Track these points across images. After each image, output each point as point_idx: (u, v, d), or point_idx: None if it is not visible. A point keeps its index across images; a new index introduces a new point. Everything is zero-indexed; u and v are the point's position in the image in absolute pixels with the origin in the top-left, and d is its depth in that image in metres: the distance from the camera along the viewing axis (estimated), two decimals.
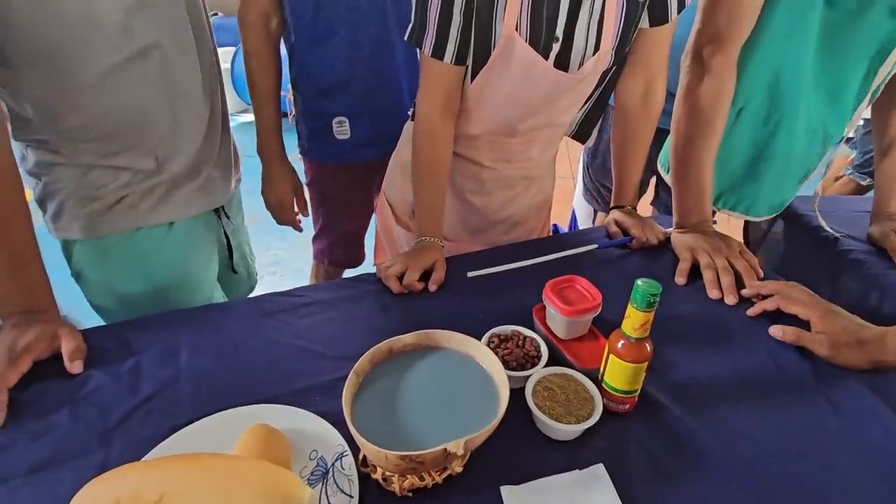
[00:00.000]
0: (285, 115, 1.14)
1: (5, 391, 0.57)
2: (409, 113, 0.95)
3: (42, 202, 0.78)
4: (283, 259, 2.29)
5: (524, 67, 0.75)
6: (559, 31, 0.74)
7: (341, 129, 1.09)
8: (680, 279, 0.83)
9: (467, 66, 0.80)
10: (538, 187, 1.02)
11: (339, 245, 1.30)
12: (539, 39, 0.74)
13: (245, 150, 1.25)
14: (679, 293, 0.81)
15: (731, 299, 0.78)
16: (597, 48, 0.76)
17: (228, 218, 0.98)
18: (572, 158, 1.37)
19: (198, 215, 0.87)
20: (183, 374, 0.63)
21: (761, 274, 0.82)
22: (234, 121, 3.72)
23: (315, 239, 1.33)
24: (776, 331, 0.70)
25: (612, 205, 0.99)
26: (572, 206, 1.72)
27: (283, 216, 1.14)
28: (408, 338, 0.59)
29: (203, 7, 0.83)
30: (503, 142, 0.90)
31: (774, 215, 1.09)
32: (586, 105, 0.91)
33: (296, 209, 1.18)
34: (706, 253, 0.83)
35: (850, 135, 1.17)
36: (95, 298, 0.85)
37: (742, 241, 1.27)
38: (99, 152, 0.74)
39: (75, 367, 0.62)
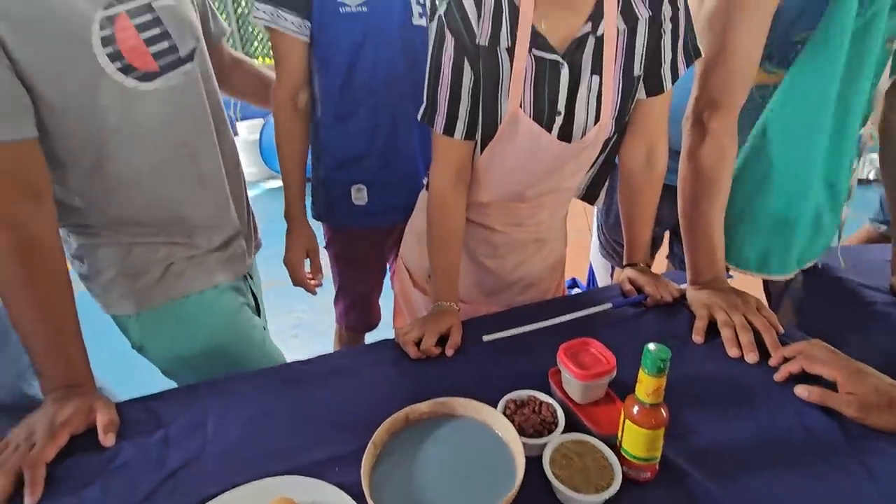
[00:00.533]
0: (308, 179, 1.20)
1: (43, 465, 0.60)
2: (424, 182, 1.01)
3: (88, 282, 0.84)
4: (305, 322, 2.34)
5: (529, 140, 0.80)
6: (560, 106, 0.79)
7: (359, 195, 1.15)
8: (697, 338, 0.82)
9: (476, 140, 0.85)
10: (550, 248, 1.05)
11: (353, 308, 1.33)
12: (542, 114, 0.79)
13: (270, 215, 1.32)
14: (697, 353, 0.80)
15: (751, 357, 0.77)
16: (597, 119, 0.81)
17: (252, 279, 1.03)
18: (588, 212, 1.40)
19: (235, 280, 0.93)
20: (209, 446, 0.65)
21: (781, 330, 0.81)
22: (261, 187, 3.92)
23: (335, 301, 1.37)
24: (801, 391, 0.69)
25: (624, 262, 1.01)
26: (590, 259, 1.74)
27: (295, 276, 1.18)
28: (424, 406, 0.60)
29: (220, 98, 0.91)
30: (513, 207, 0.94)
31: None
32: (591, 170, 0.96)
33: (308, 271, 1.21)
34: (722, 310, 0.83)
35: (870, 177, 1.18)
36: (162, 364, 0.91)
37: (764, 293, 1.26)
38: (139, 234, 0.81)
39: (108, 440, 0.65)
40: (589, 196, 1.02)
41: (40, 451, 0.60)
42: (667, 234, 1.39)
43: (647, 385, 0.53)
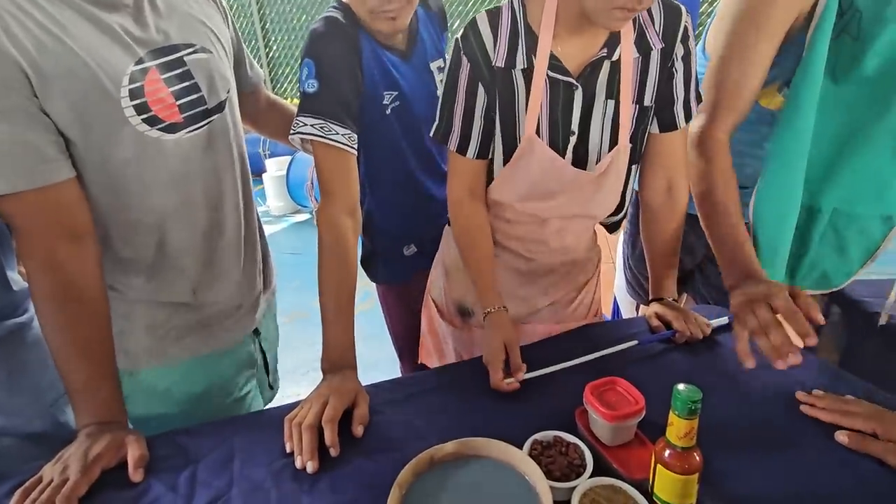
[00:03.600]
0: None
1: (75, 501, 0.61)
2: (447, 220, 1.03)
3: None
4: None
5: (545, 163, 0.82)
6: (574, 126, 0.81)
7: (409, 250, 1.14)
8: (748, 363, 0.70)
9: (491, 158, 0.87)
10: (580, 269, 1.03)
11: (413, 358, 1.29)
12: (557, 135, 0.81)
13: (295, 248, 1.32)
14: (732, 392, 0.77)
15: (779, 364, 0.65)
16: (613, 143, 0.82)
17: (260, 334, 0.98)
18: (611, 243, 1.36)
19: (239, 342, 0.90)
20: (235, 484, 0.65)
21: (819, 319, 0.68)
22: (287, 221, 4.03)
23: (400, 357, 1.35)
24: (842, 437, 0.65)
25: (650, 297, 0.99)
26: (613, 292, 1.71)
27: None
28: (449, 446, 0.60)
29: (244, 148, 0.89)
30: (537, 232, 0.93)
31: (823, 295, 1.04)
32: (623, 200, 0.93)
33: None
34: (750, 313, 0.70)
35: None
36: (135, 424, 0.85)
37: None
38: (145, 289, 0.78)
39: (137, 475, 0.66)
40: (611, 226, 1.02)
41: (73, 486, 0.61)
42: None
43: (678, 428, 0.52)
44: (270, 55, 5.27)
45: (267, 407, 0.91)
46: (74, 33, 0.64)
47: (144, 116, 0.70)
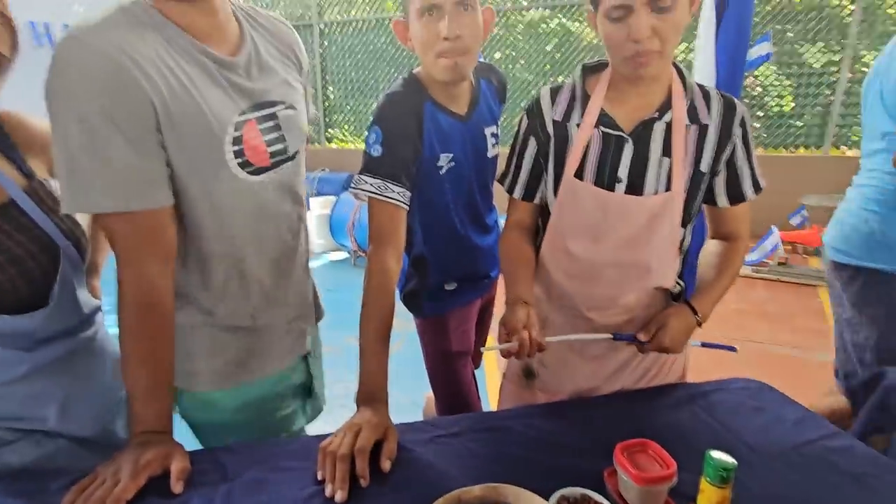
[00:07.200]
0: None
1: (123, 502, 0.65)
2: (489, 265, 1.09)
3: None
4: (354, 392, 2.36)
5: (589, 198, 0.90)
6: (622, 174, 0.88)
7: (449, 285, 1.22)
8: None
9: (541, 204, 0.98)
10: (653, 360, 1.00)
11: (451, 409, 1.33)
12: (603, 180, 0.89)
13: (330, 284, 1.39)
14: (769, 462, 0.75)
15: None
16: (667, 188, 0.87)
17: (311, 356, 1.02)
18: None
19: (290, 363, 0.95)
20: None
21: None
22: (325, 258, 4.18)
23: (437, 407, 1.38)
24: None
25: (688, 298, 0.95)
26: None
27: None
28: (477, 489, 0.61)
29: (304, 187, 0.97)
30: (592, 286, 0.95)
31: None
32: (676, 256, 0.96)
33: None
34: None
35: None
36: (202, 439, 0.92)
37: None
38: (211, 314, 0.84)
39: (178, 486, 0.69)
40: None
41: (123, 488, 0.66)
42: None
43: (709, 496, 0.52)
44: (327, 105, 5.80)
45: (305, 433, 0.94)
46: (197, 83, 0.75)
47: (240, 161, 0.79)
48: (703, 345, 0.94)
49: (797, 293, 3.14)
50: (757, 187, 0.92)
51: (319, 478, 0.71)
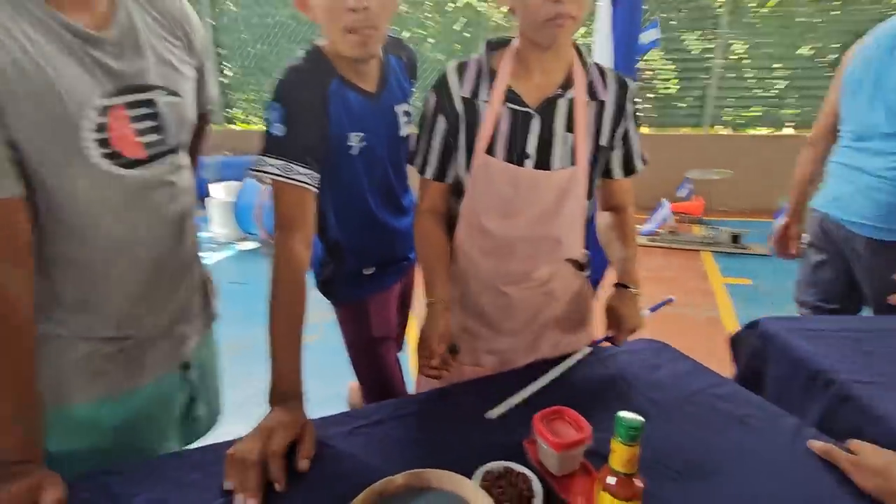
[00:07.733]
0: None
1: None
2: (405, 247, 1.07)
3: None
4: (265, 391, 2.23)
5: (500, 173, 0.91)
6: (530, 150, 0.90)
7: (367, 269, 1.17)
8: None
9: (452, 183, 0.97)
10: (560, 304, 1.04)
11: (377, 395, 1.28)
12: (513, 156, 0.90)
13: (240, 276, 1.28)
14: (679, 420, 0.81)
15: None
16: (572, 163, 0.91)
17: (192, 367, 0.92)
18: None
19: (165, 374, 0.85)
20: None
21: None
22: (234, 248, 3.88)
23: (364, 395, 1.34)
24: (815, 445, 0.73)
25: (616, 281, 0.98)
26: None
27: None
28: (399, 479, 0.59)
29: (195, 182, 0.87)
30: (507, 262, 0.97)
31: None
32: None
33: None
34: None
35: None
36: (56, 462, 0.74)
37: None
38: (73, 324, 0.74)
39: None
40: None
41: None
42: None
43: (620, 454, 0.54)
44: (225, 82, 5.31)
45: (200, 444, 0.85)
46: (53, 60, 0.64)
47: (106, 151, 0.69)
48: (652, 310, 1.01)
49: (686, 258, 3.50)
50: (643, 160, 1.00)
51: (226, 488, 0.65)
